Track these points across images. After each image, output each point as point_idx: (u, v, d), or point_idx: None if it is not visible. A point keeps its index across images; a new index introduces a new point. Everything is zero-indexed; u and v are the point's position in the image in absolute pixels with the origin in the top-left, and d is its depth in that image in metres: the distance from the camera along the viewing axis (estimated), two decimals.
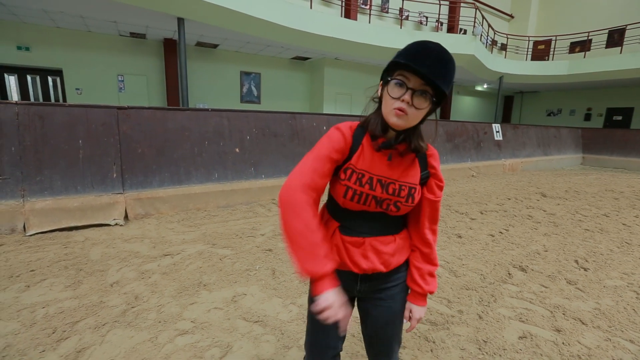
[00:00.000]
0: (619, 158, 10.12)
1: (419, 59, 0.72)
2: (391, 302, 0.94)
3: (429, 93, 0.74)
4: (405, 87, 0.74)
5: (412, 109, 0.75)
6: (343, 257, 0.88)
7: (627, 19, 11.83)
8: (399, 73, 0.75)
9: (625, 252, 3.19)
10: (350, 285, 0.92)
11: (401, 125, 0.78)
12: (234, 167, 4.07)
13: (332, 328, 0.93)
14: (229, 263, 2.64)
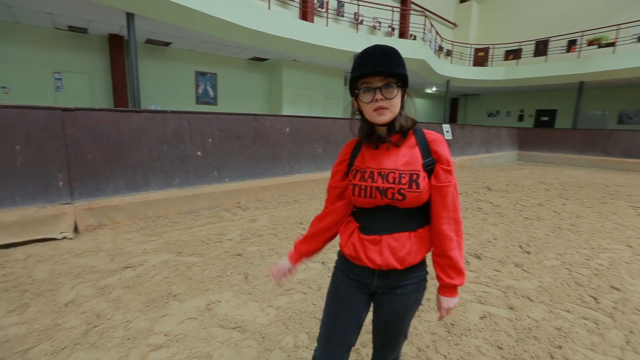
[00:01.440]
0: (547, 154, 11.44)
1: (367, 63, 0.84)
2: (404, 299, 0.96)
3: (392, 82, 0.85)
4: (372, 90, 0.86)
5: (388, 102, 0.85)
6: (359, 253, 0.94)
7: (550, 31, 13.42)
8: (362, 82, 0.87)
9: (558, 235, 3.63)
10: (368, 281, 0.97)
11: (389, 119, 0.88)
12: (196, 171, 3.91)
13: (350, 322, 1.00)
14: (197, 271, 2.55)
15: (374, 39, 9.40)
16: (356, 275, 0.98)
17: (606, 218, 4.36)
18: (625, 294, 2.38)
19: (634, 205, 5.12)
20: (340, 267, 1.03)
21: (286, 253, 2.90)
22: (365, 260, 0.92)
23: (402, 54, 0.89)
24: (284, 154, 4.87)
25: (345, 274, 1.00)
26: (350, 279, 0.99)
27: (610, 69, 10.55)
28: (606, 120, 13.58)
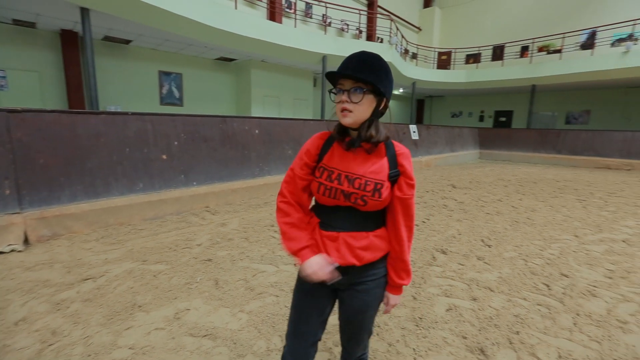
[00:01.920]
0: (506, 152, 12.20)
1: (345, 65, 0.89)
2: (365, 295, 1.00)
3: (360, 87, 0.88)
4: (342, 91, 0.90)
5: (353, 105, 0.88)
6: (321, 250, 0.97)
7: (505, 38, 14.32)
8: (338, 83, 0.91)
9: (515, 229, 3.89)
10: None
11: (350, 122, 0.91)
12: (162, 175, 3.76)
13: (313, 316, 1.02)
14: (165, 279, 2.45)
15: (342, 41, 9.53)
16: None
17: (557, 211, 4.73)
18: (573, 280, 2.60)
19: (580, 199, 5.60)
20: None
21: (259, 256, 2.86)
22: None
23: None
24: (254, 156, 4.81)
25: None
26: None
27: (558, 73, 11.46)
28: (555, 121, 14.73)
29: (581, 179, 7.92)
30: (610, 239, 3.59)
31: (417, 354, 1.72)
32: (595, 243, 3.46)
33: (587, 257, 3.08)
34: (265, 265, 2.74)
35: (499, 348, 1.77)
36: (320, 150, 1.00)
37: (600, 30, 11.29)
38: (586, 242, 3.47)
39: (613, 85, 12.25)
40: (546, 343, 1.82)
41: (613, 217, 4.45)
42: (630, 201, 5.45)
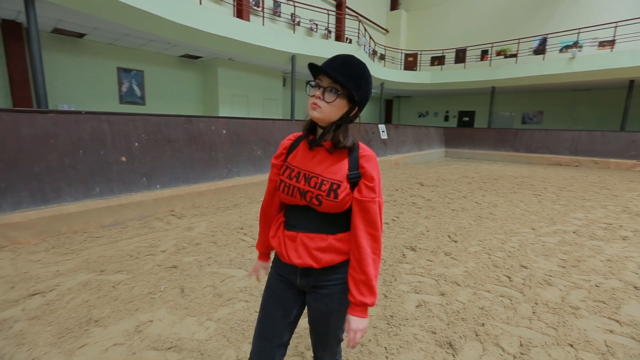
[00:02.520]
0: (469, 150, 12.81)
1: (328, 63, 0.88)
2: (328, 300, 0.96)
3: (338, 90, 0.88)
4: (318, 87, 0.90)
5: (324, 103, 0.88)
6: (282, 250, 0.98)
7: (467, 41, 15.02)
8: (317, 78, 0.92)
9: (479, 224, 4.08)
10: (293, 278, 1.00)
11: (317, 117, 0.90)
12: (121, 178, 3.52)
13: (278, 317, 1.00)
14: (125, 289, 2.29)
15: (311, 41, 9.51)
16: (284, 272, 1.01)
17: (515, 206, 5.02)
18: (531, 270, 2.76)
19: (536, 194, 5.99)
20: (273, 263, 1.08)
21: (228, 261, 2.76)
22: (286, 257, 0.97)
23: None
24: (222, 157, 4.65)
25: (276, 271, 1.05)
26: (280, 275, 1.03)
27: (514, 76, 12.20)
28: (513, 121, 15.69)
29: (536, 175, 8.49)
30: (563, 230, 3.86)
31: (389, 352, 1.73)
32: (550, 235, 3.70)
33: (543, 248, 3.29)
34: (234, 270, 2.65)
35: (466, 341, 1.83)
36: (287, 150, 1.02)
37: (550, 37, 12.16)
38: (542, 234, 3.70)
39: (562, 88, 13.26)
40: (509, 333, 1.91)
41: (564, 210, 4.80)
42: (579, 195, 5.91)
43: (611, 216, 4.52)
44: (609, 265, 2.91)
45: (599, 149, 10.33)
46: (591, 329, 1.97)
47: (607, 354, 1.75)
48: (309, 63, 0.91)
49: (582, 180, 7.60)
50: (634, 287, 2.50)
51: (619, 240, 3.57)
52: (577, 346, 1.81)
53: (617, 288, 2.49)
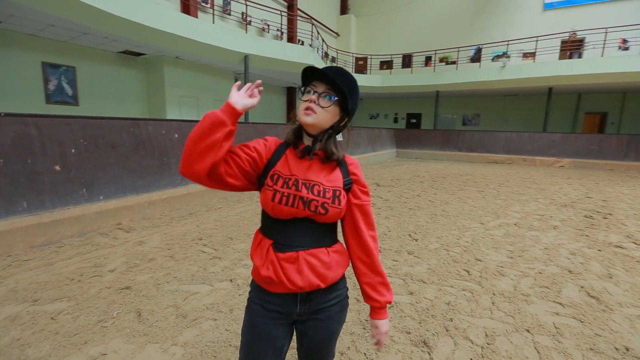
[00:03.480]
0: (418, 150, 13.59)
1: (324, 70, 0.86)
2: (329, 322, 0.93)
3: (332, 95, 0.86)
4: (312, 92, 0.87)
5: (319, 108, 0.85)
6: (280, 276, 0.85)
7: (412, 48, 15.94)
8: (310, 84, 0.88)
9: (435, 221, 4.31)
10: (289, 309, 0.90)
11: (310, 123, 0.86)
12: (55, 190, 3.08)
13: (268, 349, 0.90)
14: (68, 320, 2.00)
15: (264, 42, 9.32)
16: (275, 306, 0.89)
17: (464, 202, 5.41)
18: (485, 263, 2.98)
19: (479, 190, 6.53)
20: (255, 299, 0.92)
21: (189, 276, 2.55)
22: (287, 284, 0.84)
23: (291, 59, 0.95)
24: (174, 163, 4.33)
25: (262, 307, 0.90)
26: (269, 312, 0.90)
27: (454, 82, 13.23)
28: (455, 122, 17.02)
29: (478, 172, 9.27)
30: (506, 223, 4.25)
31: (368, 357, 1.73)
32: (496, 228, 4.04)
33: (492, 241, 3.57)
34: (197, 286, 2.46)
35: (438, 337, 1.90)
36: (272, 155, 0.91)
37: (484, 47, 13.41)
38: (490, 228, 4.03)
39: (495, 93, 14.69)
40: (475, 325, 2.03)
41: (505, 204, 5.29)
42: (515, 190, 6.57)
43: (542, 208, 5.09)
44: (546, 253, 3.26)
45: (527, 148, 11.62)
46: (541, 314, 2.17)
47: (557, 335, 1.94)
48: (307, 67, 0.86)
49: (516, 177, 8.48)
50: (569, 272, 2.83)
51: (551, 229, 4.03)
52: (532, 331, 1.98)
53: (556, 273, 2.79)
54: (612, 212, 4.88)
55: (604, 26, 11.94)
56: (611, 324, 2.07)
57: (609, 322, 2.08)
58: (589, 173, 9.49)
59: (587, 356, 1.77)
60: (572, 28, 12.79)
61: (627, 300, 2.36)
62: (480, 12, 15.17)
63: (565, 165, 10.90)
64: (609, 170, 10.24)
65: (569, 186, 7.16)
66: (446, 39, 15.51)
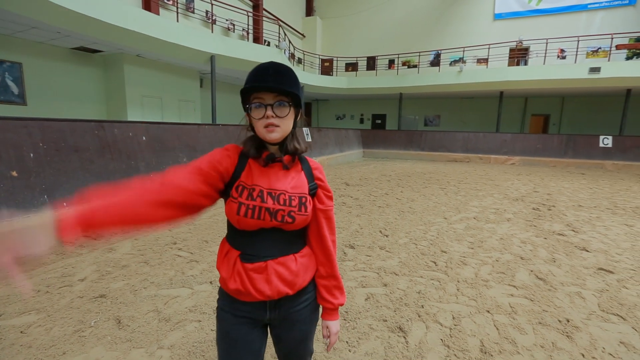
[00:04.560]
0: (383, 150, 14.09)
1: (261, 77, 0.81)
2: (301, 325, 0.95)
3: (285, 101, 0.82)
4: (263, 106, 0.82)
5: (279, 120, 0.82)
6: (247, 286, 0.85)
7: (376, 51, 16.48)
8: (254, 97, 0.83)
9: (403, 217, 4.57)
10: (259, 315, 0.90)
11: (279, 138, 0.84)
12: (12, 197, 2.88)
13: (246, 354, 0.92)
14: (40, 332, 1.92)
15: (230, 42, 9.19)
16: (245, 313, 0.89)
17: (428, 199, 5.77)
18: (450, 254, 3.25)
19: (442, 187, 6.97)
20: (224, 307, 0.91)
21: (167, 281, 2.52)
22: (254, 294, 0.84)
23: (259, 60, 0.92)
24: (142, 166, 4.19)
25: (232, 314, 0.90)
26: (240, 318, 0.89)
27: (416, 84, 13.90)
28: (417, 123, 17.86)
29: (439, 171, 9.84)
30: (466, 217, 4.62)
31: (350, 345, 1.86)
32: (458, 222, 4.38)
33: (455, 234, 3.88)
34: (177, 290, 2.45)
35: (412, 323, 2.08)
36: (236, 166, 0.86)
37: (443, 52, 14.23)
38: (452, 222, 4.36)
39: (454, 95, 15.64)
40: (443, 309, 2.24)
41: (464, 200, 5.72)
42: (473, 186, 7.10)
43: (497, 202, 5.57)
44: (502, 242, 3.61)
45: (482, 147, 12.52)
46: (498, 296, 2.44)
47: (512, 314, 2.21)
48: (245, 88, 0.83)
49: (473, 174, 9.13)
50: (521, 258, 3.17)
51: (505, 221, 4.45)
52: (492, 311, 2.23)
53: (510, 260, 3.12)
54: (555, 204, 5.47)
55: (545, 37, 13.21)
56: (555, 300, 2.38)
57: (554, 299, 2.40)
58: (536, 169, 10.46)
59: (537, 329, 2.04)
60: (518, 37, 13.97)
61: (567, 280, 2.71)
62: (438, 19, 16.07)
63: (516, 162, 11.90)
64: (552, 166, 11.34)
65: (519, 182, 7.86)
66: (408, 43, 16.24)
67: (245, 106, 0.86)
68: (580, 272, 2.88)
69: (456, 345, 1.87)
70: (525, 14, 14.58)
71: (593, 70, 10.99)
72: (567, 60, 13.00)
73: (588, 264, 3.05)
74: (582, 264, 3.04)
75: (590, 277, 2.78)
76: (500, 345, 1.88)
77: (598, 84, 11.45)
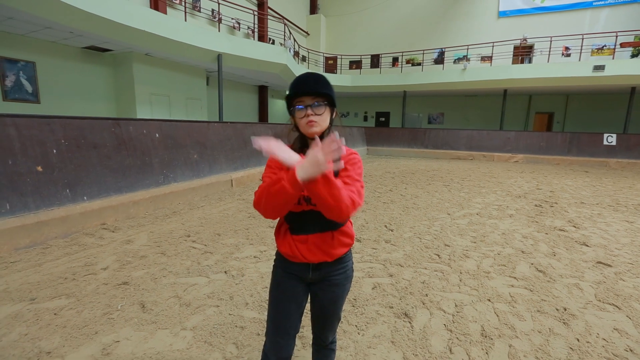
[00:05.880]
0: (387, 148, 14.17)
1: (301, 85, 1.02)
2: (335, 288, 1.15)
3: (320, 102, 1.03)
4: (304, 107, 1.03)
5: (317, 117, 1.03)
6: (294, 251, 1.09)
7: (380, 49, 16.53)
8: (296, 101, 1.04)
9: (407, 213, 4.69)
10: (304, 274, 1.13)
11: (319, 131, 1.04)
12: (38, 191, 3.04)
13: (293, 311, 1.14)
14: (72, 314, 2.08)
15: (236, 40, 9.31)
16: (293, 270, 1.13)
17: (432, 196, 5.88)
18: (453, 248, 3.37)
19: (445, 184, 7.07)
20: (279, 264, 1.18)
21: (184, 270, 2.67)
22: (300, 257, 1.08)
23: (265, 58, 1.09)
24: (156, 162, 4.34)
25: (283, 270, 1.15)
26: (289, 274, 1.14)
27: (420, 82, 13.96)
28: (421, 121, 17.90)
29: (443, 168, 9.93)
30: (469, 213, 4.73)
31: (359, 328, 2.00)
32: (461, 218, 4.50)
33: (458, 229, 4.00)
34: (194, 278, 2.60)
35: (417, 309, 2.21)
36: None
37: (447, 50, 14.25)
38: (455, 218, 4.48)
39: (457, 93, 15.67)
40: (446, 298, 2.37)
41: (468, 197, 5.82)
42: (476, 183, 7.19)
43: (500, 199, 5.67)
44: (504, 237, 3.72)
45: (486, 145, 12.58)
46: (499, 286, 2.57)
47: (512, 302, 2.33)
48: (291, 94, 1.02)
49: (477, 171, 9.21)
50: (522, 252, 3.29)
51: (508, 217, 4.55)
52: (492, 300, 2.35)
53: (511, 254, 3.23)
54: (557, 201, 5.57)
55: (549, 35, 13.19)
56: (554, 291, 2.50)
57: (552, 290, 2.52)
58: (539, 167, 10.51)
59: (535, 316, 2.16)
60: (523, 35, 13.97)
61: (566, 272, 2.83)
62: (442, 17, 16.07)
63: (519, 160, 11.95)
64: (555, 164, 11.38)
65: (522, 179, 7.94)
66: (412, 41, 16.27)
67: (289, 110, 1.06)
68: (579, 265, 2.99)
69: (458, 330, 2.00)
70: (529, 11, 14.55)
71: (597, 68, 10.99)
72: (572, 58, 12.99)
73: (587, 257, 3.16)
74: (581, 258, 3.15)
75: (589, 270, 2.89)
76: (500, 330, 2.01)
77: (602, 82, 11.46)
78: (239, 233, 3.62)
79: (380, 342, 1.87)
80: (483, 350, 1.82)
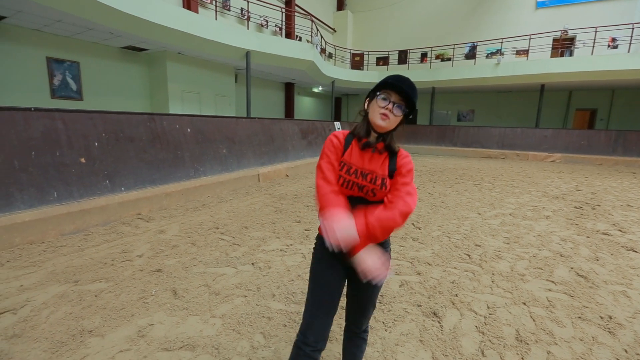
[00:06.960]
0: (414, 145, 13.85)
1: (400, 82, 1.08)
2: None
3: (403, 106, 1.08)
4: (388, 100, 1.08)
5: (392, 115, 1.08)
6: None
7: (408, 44, 16.14)
8: (383, 92, 1.09)
9: (435, 212, 4.56)
10: (345, 256, 1.12)
11: (383, 127, 1.10)
12: (81, 181, 3.24)
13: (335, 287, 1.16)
14: (111, 297, 2.20)
15: (264, 38, 9.44)
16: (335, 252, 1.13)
17: (461, 194, 5.68)
18: (484, 248, 3.23)
19: (475, 183, 6.80)
20: (320, 246, 1.21)
21: (213, 260, 2.74)
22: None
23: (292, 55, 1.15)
24: (187, 156, 4.49)
25: (325, 250, 1.16)
26: (330, 253, 1.15)
27: (450, 78, 13.49)
28: (450, 118, 17.32)
29: (473, 167, 9.57)
30: (502, 213, 4.52)
31: (386, 325, 1.96)
32: (493, 218, 4.31)
33: (490, 229, 3.84)
34: (223, 269, 2.67)
35: (446, 309, 2.14)
36: (343, 148, 1.17)
37: (479, 44, 13.66)
38: (487, 218, 4.30)
39: (489, 89, 15.00)
40: (477, 299, 2.27)
41: (500, 196, 5.57)
42: (509, 183, 6.87)
43: (535, 200, 5.38)
44: (540, 239, 3.53)
45: (520, 143, 11.96)
46: (535, 290, 2.43)
47: (550, 307, 2.20)
48: (391, 82, 1.07)
49: (509, 171, 8.79)
50: (560, 255, 3.10)
51: (544, 219, 4.31)
52: (528, 303, 2.23)
53: (548, 257, 3.06)
54: (600, 203, 5.19)
55: (593, 25, 12.28)
56: (597, 297, 2.33)
57: (595, 296, 2.35)
58: (579, 167, 9.86)
59: (576, 323, 2.03)
60: (563, 26, 13.11)
61: (611, 279, 2.63)
62: (474, 9, 15.41)
63: (557, 160, 11.27)
64: (598, 164, 10.63)
65: (560, 180, 7.48)
66: (441, 35, 15.74)
67: (372, 94, 1.13)
68: (626, 271, 2.77)
69: (491, 333, 1.91)
70: (571, 1, 13.62)
71: None
72: (619, 49, 12.02)
73: (636, 264, 2.93)
74: (628, 264, 2.92)
75: (638, 277, 2.68)
76: (536, 335, 1.90)
77: None
78: (266, 227, 3.67)
79: (408, 340, 1.83)
80: (518, 355, 1.73)
